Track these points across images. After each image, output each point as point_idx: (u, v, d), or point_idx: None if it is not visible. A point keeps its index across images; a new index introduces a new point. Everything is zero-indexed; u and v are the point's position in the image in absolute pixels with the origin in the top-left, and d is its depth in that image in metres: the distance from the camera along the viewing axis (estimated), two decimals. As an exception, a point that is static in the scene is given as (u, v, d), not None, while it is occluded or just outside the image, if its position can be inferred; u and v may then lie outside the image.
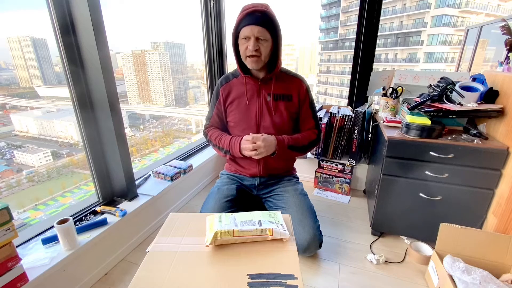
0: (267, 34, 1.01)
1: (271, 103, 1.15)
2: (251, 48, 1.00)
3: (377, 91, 1.56)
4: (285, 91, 1.17)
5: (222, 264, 0.62)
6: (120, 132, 1.19)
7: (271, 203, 1.24)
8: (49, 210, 8.52)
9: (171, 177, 1.53)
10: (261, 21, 0.99)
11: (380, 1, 1.63)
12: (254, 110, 1.16)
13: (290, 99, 1.17)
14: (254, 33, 0.99)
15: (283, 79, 1.17)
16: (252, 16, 0.99)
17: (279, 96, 1.16)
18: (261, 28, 0.99)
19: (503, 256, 1.01)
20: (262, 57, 1.04)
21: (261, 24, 0.99)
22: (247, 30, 1.00)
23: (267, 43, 1.03)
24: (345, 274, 1.14)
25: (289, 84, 1.18)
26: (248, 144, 1.08)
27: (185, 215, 0.80)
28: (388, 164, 1.20)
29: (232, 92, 1.19)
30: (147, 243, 1.31)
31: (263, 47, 1.02)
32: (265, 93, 1.15)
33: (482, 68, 2.62)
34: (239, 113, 1.18)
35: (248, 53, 1.03)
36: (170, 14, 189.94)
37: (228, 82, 1.20)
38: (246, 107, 1.16)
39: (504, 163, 1.05)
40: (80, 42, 1.07)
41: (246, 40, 1.02)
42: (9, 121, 11.20)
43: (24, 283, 0.82)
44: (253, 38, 1.00)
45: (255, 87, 1.15)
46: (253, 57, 1.03)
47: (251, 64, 1.06)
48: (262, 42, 1.02)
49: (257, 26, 0.99)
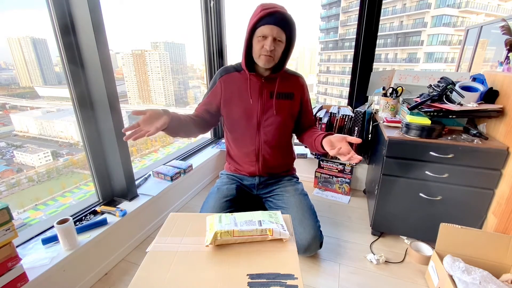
0: (284, 36, 1.03)
1: (274, 101, 1.15)
2: (267, 48, 1.01)
3: (377, 91, 1.56)
4: (287, 89, 1.17)
5: (222, 264, 0.62)
6: (120, 132, 1.18)
7: (271, 203, 1.24)
8: (49, 210, 8.51)
9: (171, 177, 1.53)
10: (281, 23, 1.00)
11: (380, 1, 1.63)
12: (255, 108, 1.15)
13: (292, 97, 1.18)
14: (273, 34, 1.00)
15: (285, 78, 1.18)
16: (273, 16, 0.99)
17: (282, 95, 1.17)
18: (280, 30, 1.00)
19: (503, 256, 1.01)
20: (275, 57, 1.06)
21: (280, 26, 1.00)
22: (266, 29, 1.00)
23: (282, 45, 1.05)
24: (345, 274, 1.14)
25: (291, 82, 1.19)
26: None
27: (185, 215, 0.80)
28: (388, 164, 1.20)
29: (231, 85, 1.16)
30: (147, 243, 1.31)
31: (278, 48, 1.04)
32: (267, 92, 1.15)
33: (482, 68, 2.62)
34: (240, 110, 1.15)
35: (263, 52, 1.03)
36: (170, 14, 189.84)
37: (228, 73, 1.17)
38: (248, 104, 1.15)
39: (504, 163, 1.05)
40: (80, 42, 1.07)
41: (263, 38, 1.02)
42: (9, 121, 11.19)
43: (24, 283, 0.82)
44: (271, 38, 1.01)
45: (257, 85, 1.14)
46: (268, 56, 1.04)
47: (264, 63, 1.06)
48: (278, 43, 1.03)
49: (276, 27, 1.00)
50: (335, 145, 0.95)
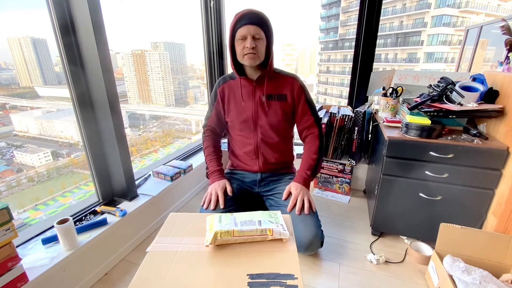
0: (262, 33, 1.07)
1: (265, 103, 1.19)
2: (248, 45, 1.05)
3: (377, 91, 1.56)
4: (278, 91, 1.20)
5: (222, 264, 0.62)
6: (120, 132, 1.19)
7: (273, 201, 1.24)
8: (49, 210, 8.52)
9: (171, 177, 1.53)
10: (256, 21, 1.06)
11: (380, 1, 1.63)
12: (250, 111, 1.20)
13: (284, 98, 1.20)
14: (251, 32, 1.05)
15: (277, 79, 1.20)
16: (247, 16, 1.06)
17: (273, 96, 1.20)
18: (256, 27, 1.05)
19: (503, 256, 1.01)
20: (258, 54, 1.09)
21: (256, 24, 1.05)
22: (243, 30, 1.06)
23: (262, 42, 1.09)
24: (345, 274, 1.14)
25: (282, 83, 1.20)
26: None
27: (185, 215, 0.80)
28: (388, 164, 1.20)
29: (229, 92, 1.23)
30: (147, 243, 1.31)
31: (259, 45, 1.08)
32: (260, 94, 1.19)
33: (482, 68, 2.62)
34: (237, 113, 1.22)
35: (245, 51, 1.07)
36: (170, 14, 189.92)
37: (225, 82, 1.25)
38: (242, 107, 1.20)
39: (504, 163, 1.05)
40: (80, 42, 1.07)
41: (243, 40, 1.07)
42: (9, 121, 11.20)
43: (24, 283, 0.82)
44: (250, 36, 1.05)
45: (250, 88, 1.19)
46: (251, 54, 1.07)
47: (249, 61, 1.09)
48: (258, 40, 1.07)
49: (252, 25, 1.05)
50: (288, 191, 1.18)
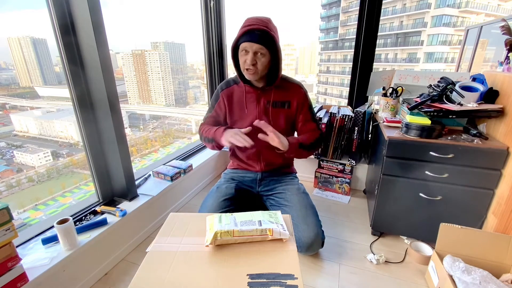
0: (265, 49, 1.05)
1: (270, 110, 1.19)
2: (248, 62, 1.05)
3: (377, 91, 1.56)
4: (284, 98, 1.20)
5: (222, 264, 0.62)
6: (120, 132, 1.19)
7: (273, 201, 1.25)
8: (49, 210, 8.51)
9: (171, 177, 1.53)
10: (259, 39, 1.03)
11: (380, 1, 1.63)
12: (253, 117, 1.18)
13: (289, 106, 1.21)
14: (253, 49, 1.04)
15: (283, 86, 1.20)
16: (251, 34, 1.03)
17: (279, 103, 1.20)
18: (259, 45, 1.04)
19: (503, 256, 1.01)
20: (258, 70, 1.08)
21: (259, 42, 1.03)
22: (246, 45, 1.05)
23: (265, 57, 1.07)
24: (345, 274, 1.14)
25: (288, 91, 1.21)
26: (241, 136, 1.06)
27: (185, 215, 0.80)
28: (388, 164, 1.20)
29: (232, 97, 1.22)
30: (147, 243, 1.31)
31: (260, 61, 1.07)
32: (264, 101, 1.19)
33: (482, 68, 2.62)
34: (239, 119, 1.22)
35: (246, 66, 1.07)
36: (170, 14, 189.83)
37: (228, 87, 1.24)
38: (245, 114, 1.20)
39: (504, 163, 1.04)
40: (80, 42, 1.07)
41: (245, 53, 1.07)
42: (9, 121, 11.19)
43: (24, 283, 0.82)
44: (251, 52, 1.04)
45: (254, 95, 1.19)
46: (250, 70, 1.07)
47: (248, 76, 1.11)
48: (260, 56, 1.06)
49: (255, 43, 1.03)
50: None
